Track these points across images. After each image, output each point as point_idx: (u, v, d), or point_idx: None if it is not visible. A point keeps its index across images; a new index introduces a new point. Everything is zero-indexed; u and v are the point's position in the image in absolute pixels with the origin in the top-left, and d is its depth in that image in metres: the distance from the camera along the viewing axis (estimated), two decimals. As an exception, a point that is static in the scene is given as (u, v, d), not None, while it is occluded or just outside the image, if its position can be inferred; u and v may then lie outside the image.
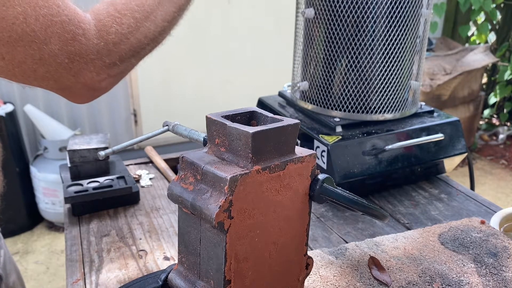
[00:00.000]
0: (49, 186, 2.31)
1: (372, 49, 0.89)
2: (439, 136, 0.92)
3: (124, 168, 0.97)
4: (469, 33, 3.45)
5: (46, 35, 0.48)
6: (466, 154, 0.98)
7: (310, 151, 0.51)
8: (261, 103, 1.10)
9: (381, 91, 0.92)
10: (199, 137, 0.64)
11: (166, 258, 0.74)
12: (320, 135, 0.88)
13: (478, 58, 2.96)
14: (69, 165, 0.90)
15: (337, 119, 0.92)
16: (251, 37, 2.80)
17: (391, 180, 0.95)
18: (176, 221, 0.84)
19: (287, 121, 0.49)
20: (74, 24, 0.50)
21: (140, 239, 0.79)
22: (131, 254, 0.75)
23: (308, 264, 0.57)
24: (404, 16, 0.87)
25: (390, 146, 0.88)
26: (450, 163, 0.99)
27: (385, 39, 0.88)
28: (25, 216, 2.42)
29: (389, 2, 0.85)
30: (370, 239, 0.75)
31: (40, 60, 0.49)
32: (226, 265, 0.46)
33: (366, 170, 0.87)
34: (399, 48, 0.89)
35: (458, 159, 0.99)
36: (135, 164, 1.09)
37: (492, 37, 3.65)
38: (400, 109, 0.95)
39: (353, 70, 0.91)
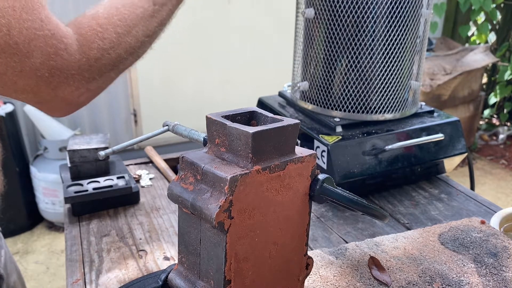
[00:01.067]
0: (49, 186, 2.31)
1: (372, 49, 0.89)
2: (439, 136, 0.92)
3: (124, 168, 0.97)
4: (469, 33, 3.45)
5: (29, 49, 0.48)
6: (466, 154, 0.98)
7: (310, 151, 0.51)
8: (261, 103, 1.10)
9: (381, 91, 0.92)
10: (199, 137, 0.64)
11: (166, 258, 0.74)
12: (320, 135, 0.88)
13: (478, 58, 2.96)
14: (69, 165, 0.91)
15: (337, 119, 0.92)
16: (251, 37, 2.80)
17: (391, 180, 0.95)
18: (176, 221, 0.84)
19: (287, 121, 0.49)
20: (57, 38, 0.50)
21: (140, 239, 0.79)
22: (131, 254, 0.75)
23: (308, 264, 0.57)
24: (404, 16, 0.87)
25: (390, 146, 0.88)
26: (450, 163, 0.99)
27: (385, 39, 0.88)
28: (25, 216, 2.42)
29: (389, 2, 0.85)
30: (370, 239, 0.75)
31: (20, 72, 0.49)
32: (226, 265, 0.46)
33: (366, 170, 0.87)
34: (399, 48, 0.89)
35: (458, 159, 0.99)
36: (135, 164, 1.09)
37: (492, 37, 3.64)
38: (400, 109, 0.95)
39: (353, 70, 0.91)
